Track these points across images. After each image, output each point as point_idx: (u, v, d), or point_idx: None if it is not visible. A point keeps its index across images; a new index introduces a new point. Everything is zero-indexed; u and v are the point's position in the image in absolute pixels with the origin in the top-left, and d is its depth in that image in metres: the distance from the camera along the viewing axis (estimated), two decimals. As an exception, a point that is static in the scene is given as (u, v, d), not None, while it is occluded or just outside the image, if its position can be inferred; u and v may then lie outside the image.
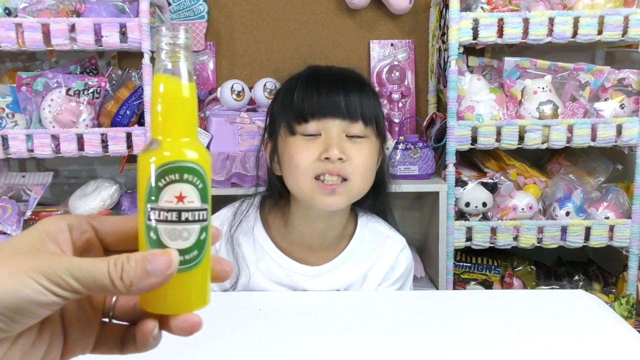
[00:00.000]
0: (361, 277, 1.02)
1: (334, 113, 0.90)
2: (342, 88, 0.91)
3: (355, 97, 0.91)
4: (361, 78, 0.97)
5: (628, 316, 1.49)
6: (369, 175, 0.94)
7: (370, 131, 0.93)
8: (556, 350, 0.73)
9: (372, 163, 0.93)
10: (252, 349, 0.75)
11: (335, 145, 0.89)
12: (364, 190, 0.95)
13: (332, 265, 1.00)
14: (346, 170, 0.90)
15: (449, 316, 0.85)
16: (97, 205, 1.58)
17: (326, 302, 0.92)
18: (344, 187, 0.90)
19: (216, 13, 1.77)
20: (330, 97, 0.90)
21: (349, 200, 0.93)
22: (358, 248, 1.02)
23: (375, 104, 0.94)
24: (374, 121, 0.92)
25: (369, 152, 0.93)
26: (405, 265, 1.04)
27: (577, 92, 1.53)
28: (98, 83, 1.53)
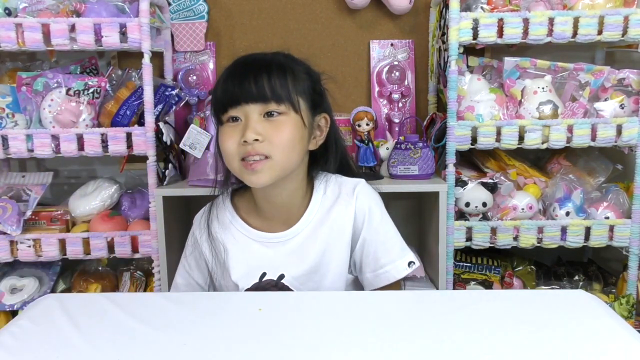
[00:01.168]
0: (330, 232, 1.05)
1: (247, 99, 0.97)
2: (253, 73, 0.97)
3: (264, 78, 0.97)
4: (275, 59, 1.01)
5: (628, 316, 1.49)
6: (291, 149, 0.99)
7: (286, 107, 0.98)
8: (556, 350, 0.73)
9: (293, 137, 0.99)
10: (252, 349, 0.75)
11: (249, 129, 0.96)
12: (290, 163, 1.00)
13: (301, 226, 1.06)
14: (264, 149, 0.96)
15: (449, 316, 0.85)
16: (97, 205, 1.59)
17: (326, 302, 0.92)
18: (264, 164, 0.97)
19: (216, 13, 1.77)
20: (242, 85, 0.97)
21: (275, 176, 0.99)
22: (318, 204, 1.07)
23: (290, 80, 0.99)
24: (288, 97, 0.98)
25: (289, 128, 0.98)
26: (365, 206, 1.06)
27: (577, 92, 1.53)
28: (98, 83, 1.53)
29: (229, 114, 0.99)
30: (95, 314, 0.86)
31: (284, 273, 1.04)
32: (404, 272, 1.06)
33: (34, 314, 0.86)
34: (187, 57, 1.78)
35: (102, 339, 0.78)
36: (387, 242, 1.07)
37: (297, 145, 1.00)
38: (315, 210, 1.07)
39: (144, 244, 1.54)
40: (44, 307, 0.89)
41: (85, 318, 0.84)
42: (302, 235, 1.05)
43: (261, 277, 1.05)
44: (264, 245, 1.06)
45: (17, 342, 0.77)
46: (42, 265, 1.66)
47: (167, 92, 1.60)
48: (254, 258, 1.06)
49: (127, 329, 0.81)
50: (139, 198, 1.64)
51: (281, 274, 1.04)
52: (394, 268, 1.06)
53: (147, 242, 1.54)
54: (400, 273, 1.06)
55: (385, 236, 1.07)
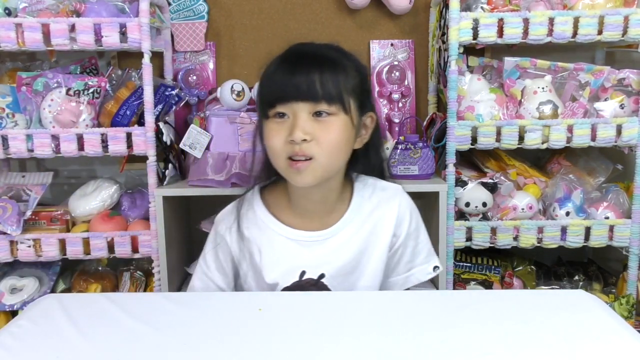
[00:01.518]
0: (370, 235, 1.05)
1: (297, 96, 0.94)
2: (304, 70, 0.94)
3: (316, 77, 0.93)
4: (327, 54, 0.98)
5: (628, 316, 1.49)
6: (337, 151, 0.97)
7: (337, 108, 0.95)
8: (556, 350, 0.73)
9: (341, 139, 0.96)
10: (252, 349, 0.75)
11: (298, 128, 0.93)
12: (335, 165, 0.98)
13: (341, 225, 1.04)
14: (311, 150, 0.94)
15: (449, 316, 0.85)
16: (97, 205, 1.58)
17: (326, 302, 0.92)
18: (308, 165, 0.94)
19: (216, 13, 1.77)
20: (292, 81, 0.94)
21: (319, 177, 0.97)
22: (360, 205, 1.06)
23: (342, 79, 0.96)
24: (339, 98, 0.94)
25: (337, 129, 0.95)
26: (407, 212, 1.07)
27: (577, 92, 1.53)
28: (98, 83, 1.53)
29: (277, 110, 0.95)
30: (95, 314, 0.86)
31: (324, 273, 1.03)
32: (429, 275, 1.09)
33: (34, 314, 0.86)
34: (187, 57, 1.78)
35: (102, 339, 0.78)
36: (418, 246, 1.09)
37: (344, 147, 0.98)
38: (356, 212, 1.05)
39: (144, 244, 1.54)
40: (44, 307, 0.89)
41: (85, 318, 0.84)
42: (341, 235, 1.04)
43: (301, 276, 1.03)
44: (300, 244, 1.03)
45: (17, 342, 0.77)
46: (42, 265, 1.66)
47: (167, 92, 1.60)
48: (291, 257, 1.03)
49: (127, 329, 0.81)
50: (139, 198, 1.64)
51: (322, 274, 1.03)
52: (420, 271, 1.08)
53: (147, 242, 1.54)
54: (425, 276, 1.09)
55: (417, 240, 1.09)
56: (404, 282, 1.08)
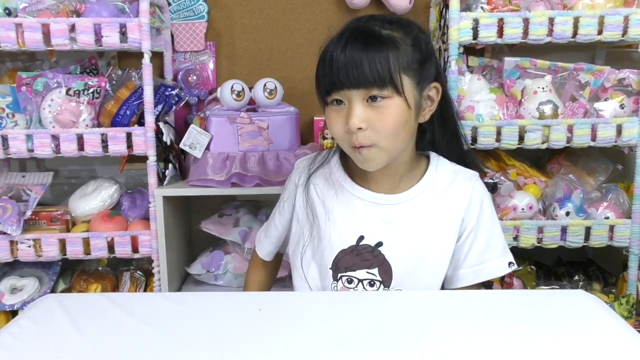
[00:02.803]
0: (437, 215, 1.02)
1: (348, 84, 0.92)
2: (354, 55, 0.91)
3: (365, 62, 0.91)
4: (376, 34, 0.94)
5: (628, 316, 1.49)
6: (396, 134, 0.95)
7: (390, 91, 0.92)
8: (556, 350, 0.73)
9: (398, 122, 0.94)
10: (252, 349, 0.75)
11: (352, 116, 0.92)
12: (397, 147, 0.97)
13: (408, 195, 1.03)
14: (368, 139, 0.93)
15: (449, 316, 0.85)
16: (97, 205, 1.59)
17: (327, 302, 0.92)
18: (370, 150, 0.95)
19: (216, 13, 1.77)
20: (342, 68, 0.92)
21: (385, 160, 0.97)
22: (433, 181, 1.04)
23: (393, 59, 0.92)
24: (391, 80, 0.92)
25: (393, 113, 0.93)
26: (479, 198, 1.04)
27: (577, 92, 1.53)
28: (98, 83, 1.53)
29: (333, 97, 0.95)
30: (95, 314, 0.86)
31: (382, 241, 1.01)
32: (503, 271, 1.04)
33: (34, 314, 0.86)
34: (187, 57, 1.78)
35: (102, 339, 0.78)
36: (492, 239, 1.04)
37: (402, 129, 0.95)
38: (426, 187, 1.03)
39: (144, 244, 1.54)
40: (44, 307, 0.89)
41: (85, 318, 0.84)
42: (407, 205, 1.02)
43: (359, 241, 1.02)
44: (363, 202, 1.03)
45: (17, 342, 0.77)
46: (42, 265, 1.66)
47: (167, 92, 1.60)
48: (352, 215, 1.03)
49: (127, 329, 0.81)
50: (139, 198, 1.64)
51: (379, 242, 1.01)
52: (493, 266, 1.04)
53: (147, 242, 1.54)
54: (499, 271, 1.04)
55: (491, 232, 1.04)
56: (476, 276, 1.03)
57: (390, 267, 1.01)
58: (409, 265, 1.01)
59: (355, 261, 1.01)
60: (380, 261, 1.01)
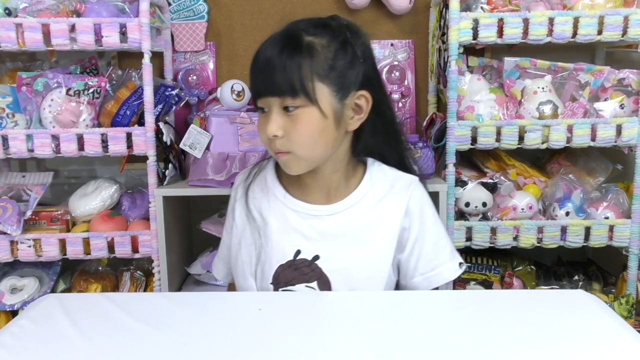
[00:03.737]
0: (374, 224, 1.00)
1: (265, 92, 0.93)
2: (270, 62, 0.91)
3: (280, 70, 0.90)
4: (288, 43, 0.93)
5: (628, 316, 1.49)
6: (314, 143, 0.93)
7: (302, 100, 0.90)
8: (556, 350, 0.73)
9: (312, 132, 0.92)
10: (252, 349, 0.75)
11: (269, 123, 0.92)
12: (316, 156, 0.95)
13: (343, 205, 1.01)
14: (285, 146, 0.93)
15: (449, 316, 0.85)
16: (97, 205, 1.59)
17: (326, 302, 0.92)
18: (288, 157, 0.94)
19: (216, 13, 1.77)
20: (260, 76, 0.93)
21: (306, 166, 0.96)
22: (369, 190, 1.02)
23: (306, 69, 0.90)
24: (302, 89, 0.90)
25: (307, 122, 0.92)
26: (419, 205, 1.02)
27: (577, 92, 1.53)
28: (98, 83, 1.53)
29: (259, 103, 0.95)
30: (95, 314, 0.86)
31: (319, 255, 0.99)
32: (455, 273, 1.03)
33: (34, 314, 0.86)
34: (187, 57, 1.78)
35: (102, 339, 0.78)
36: (439, 244, 1.03)
37: (319, 139, 0.93)
38: (361, 196, 1.01)
39: (144, 244, 1.54)
40: (44, 307, 0.89)
41: (85, 318, 0.84)
42: (343, 216, 1.00)
43: (296, 255, 1.00)
44: (299, 215, 1.00)
45: (17, 342, 0.77)
46: (42, 265, 1.66)
47: (167, 92, 1.60)
48: (288, 229, 1.00)
49: (127, 329, 0.81)
50: (139, 198, 1.64)
51: (316, 255, 0.99)
52: (444, 270, 1.02)
53: (147, 242, 1.54)
54: (451, 275, 1.03)
55: (437, 237, 1.03)
56: (429, 283, 1.02)
57: (328, 280, 0.99)
58: (346, 277, 0.99)
59: (294, 275, 0.99)
60: (318, 274, 0.99)
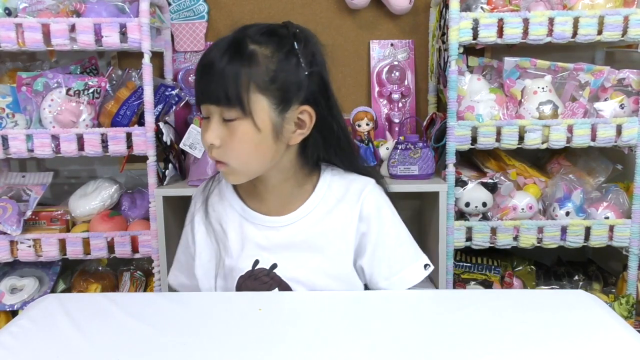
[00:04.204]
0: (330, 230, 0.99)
1: (204, 99, 0.90)
2: (209, 69, 0.88)
3: (215, 79, 0.87)
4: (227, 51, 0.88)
5: (628, 316, 1.49)
6: (248, 156, 0.91)
7: (237, 112, 0.87)
8: (556, 350, 0.73)
9: (246, 145, 0.89)
10: (252, 349, 0.75)
11: (206, 132, 0.90)
12: (252, 169, 0.93)
13: (298, 214, 0.99)
14: (221, 156, 0.91)
15: (449, 316, 0.85)
16: (97, 205, 1.59)
17: (326, 302, 0.92)
18: (225, 168, 0.92)
19: (216, 13, 1.77)
20: (201, 81, 0.90)
21: (244, 177, 0.94)
22: (324, 196, 1.00)
23: (244, 79, 0.86)
24: (237, 100, 0.86)
25: (240, 135, 0.88)
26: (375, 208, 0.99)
27: (577, 92, 1.53)
28: (98, 83, 1.53)
29: (202, 110, 0.92)
30: (95, 314, 0.86)
31: (277, 263, 0.98)
32: (421, 275, 1.00)
33: (34, 314, 0.86)
34: (187, 57, 1.78)
35: (102, 339, 0.78)
36: (399, 247, 1.00)
37: (254, 151, 0.90)
38: (316, 203, 0.99)
39: (144, 244, 1.54)
40: (44, 307, 0.89)
41: (85, 318, 0.84)
42: (298, 225, 0.98)
43: (254, 265, 0.99)
44: (255, 226, 0.99)
45: (17, 342, 0.77)
46: (42, 265, 1.66)
47: (167, 92, 1.60)
48: (246, 241, 1.00)
49: (127, 329, 0.81)
50: (139, 198, 1.64)
51: (274, 264, 0.98)
52: (409, 273, 0.99)
53: (147, 242, 1.54)
54: (416, 277, 0.99)
55: (396, 240, 1.00)
56: (390, 287, 0.99)
57: (288, 287, 0.98)
58: (305, 284, 0.98)
59: (255, 285, 0.99)
60: (277, 282, 0.98)
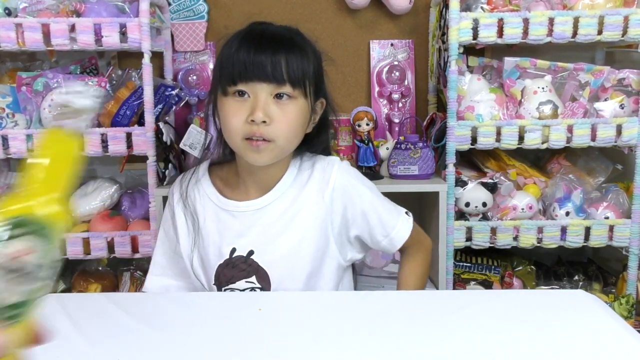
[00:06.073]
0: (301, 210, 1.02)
1: (260, 76, 0.93)
2: (270, 50, 0.93)
3: (282, 59, 0.93)
4: (292, 37, 0.98)
5: (628, 316, 1.49)
6: (294, 135, 0.98)
7: (298, 92, 0.95)
8: (556, 350, 0.73)
9: (298, 123, 0.97)
10: (252, 349, 0.75)
11: (259, 109, 0.92)
12: (290, 147, 1.00)
13: (270, 197, 1.02)
14: (270, 133, 0.94)
15: (449, 316, 0.85)
16: (97, 205, 1.59)
17: (326, 302, 0.92)
18: (267, 146, 0.95)
19: (216, 13, 1.77)
20: (256, 60, 0.93)
21: (275, 157, 0.98)
22: (295, 177, 1.04)
23: (305, 64, 0.96)
24: (302, 82, 0.95)
25: (296, 113, 0.96)
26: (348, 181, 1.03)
27: (577, 92, 1.53)
28: (98, 83, 1.53)
29: (238, 88, 0.94)
30: (95, 314, 0.86)
31: (253, 249, 1.00)
32: (409, 223, 1.07)
33: (34, 314, 0.86)
34: (187, 57, 1.78)
35: (102, 339, 0.78)
36: (383, 207, 1.05)
37: (300, 130, 0.98)
38: (286, 186, 1.03)
39: (144, 244, 1.54)
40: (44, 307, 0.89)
41: (85, 318, 0.84)
42: (271, 208, 1.01)
43: (231, 253, 1.01)
44: (232, 215, 1.02)
45: (17, 342, 0.77)
46: (42, 265, 1.66)
47: (167, 92, 1.60)
48: (222, 229, 1.02)
49: (127, 329, 0.81)
50: (139, 198, 1.64)
51: (250, 250, 1.00)
52: (399, 223, 1.05)
53: (147, 242, 1.54)
54: (407, 224, 1.06)
55: (379, 202, 1.05)
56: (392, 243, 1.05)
57: (266, 273, 1.00)
58: (284, 266, 1.01)
59: (233, 273, 1.01)
60: (255, 269, 1.01)
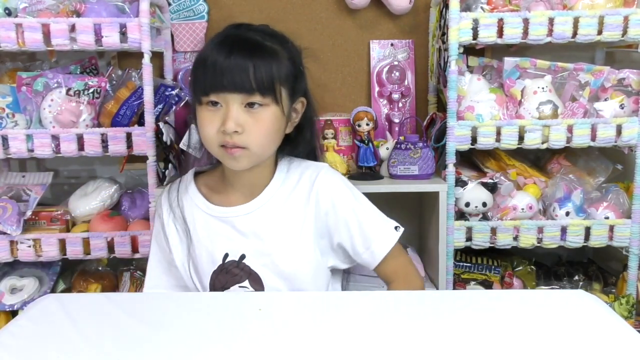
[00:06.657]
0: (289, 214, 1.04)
1: (229, 87, 0.95)
2: (240, 58, 0.94)
3: (250, 68, 0.94)
4: (262, 42, 0.98)
5: (628, 316, 1.49)
6: (269, 141, 1.00)
7: (270, 99, 0.97)
8: (556, 350, 0.73)
9: (271, 130, 0.99)
10: (252, 349, 0.75)
11: (230, 119, 0.95)
12: (267, 153, 1.02)
13: (259, 202, 1.05)
14: (243, 142, 0.96)
15: (449, 316, 0.85)
16: (97, 205, 1.59)
17: (326, 302, 0.92)
18: (242, 153, 0.97)
19: (216, 13, 1.77)
20: (226, 71, 0.94)
21: (253, 162, 1.00)
22: (282, 183, 1.06)
23: (275, 69, 0.97)
24: (272, 89, 0.96)
25: (268, 121, 0.97)
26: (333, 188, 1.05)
27: (577, 92, 1.53)
28: (98, 83, 1.53)
29: (210, 99, 0.96)
30: (95, 314, 0.86)
31: (245, 254, 1.02)
32: (395, 235, 1.06)
33: (34, 314, 0.86)
34: (187, 57, 1.78)
35: (102, 339, 0.78)
36: (368, 217, 1.06)
37: (274, 136, 1.00)
38: (275, 190, 1.05)
39: (144, 244, 1.54)
40: (44, 307, 0.89)
41: (85, 318, 0.84)
42: (260, 212, 1.04)
43: (224, 259, 1.03)
44: (222, 221, 1.04)
45: (17, 342, 0.77)
46: (42, 265, 1.66)
47: (167, 92, 1.60)
48: (213, 235, 1.04)
49: (127, 329, 0.81)
50: (139, 198, 1.64)
51: (242, 254, 1.03)
52: (383, 236, 1.05)
53: (147, 242, 1.54)
54: (391, 238, 1.06)
55: (363, 212, 1.06)
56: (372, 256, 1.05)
57: (258, 276, 1.03)
58: (274, 270, 1.03)
59: (227, 279, 1.03)
60: (247, 273, 1.03)
